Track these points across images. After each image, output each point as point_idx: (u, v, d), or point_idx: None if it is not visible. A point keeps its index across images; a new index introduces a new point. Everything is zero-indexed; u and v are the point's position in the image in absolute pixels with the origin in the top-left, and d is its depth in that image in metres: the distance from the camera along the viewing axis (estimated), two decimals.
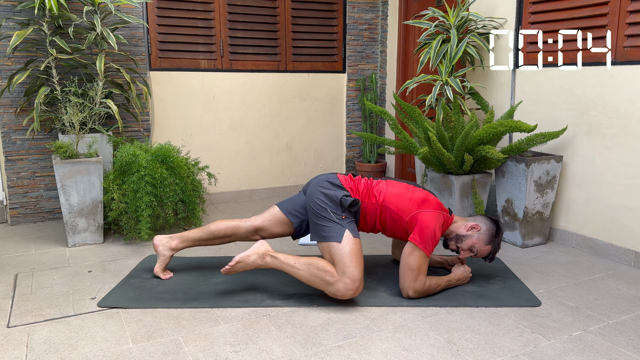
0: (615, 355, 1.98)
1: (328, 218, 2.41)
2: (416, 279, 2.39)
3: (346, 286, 2.28)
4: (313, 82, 4.72)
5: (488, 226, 2.54)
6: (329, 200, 2.44)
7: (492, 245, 2.52)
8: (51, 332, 2.14)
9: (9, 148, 3.66)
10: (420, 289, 2.42)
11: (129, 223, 3.24)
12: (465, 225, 2.54)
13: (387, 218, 2.49)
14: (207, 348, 2.02)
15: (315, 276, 2.33)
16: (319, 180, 2.56)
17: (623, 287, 2.62)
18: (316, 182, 2.55)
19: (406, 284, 2.40)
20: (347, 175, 2.59)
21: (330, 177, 2.56)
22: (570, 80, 3.20)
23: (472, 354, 1.98)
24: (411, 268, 2.38)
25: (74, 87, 3.42)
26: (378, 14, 4.90)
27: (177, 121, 4.25)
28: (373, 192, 2.51)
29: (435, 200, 2.50)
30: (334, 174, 2.59)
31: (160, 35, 4.07)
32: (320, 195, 2.46)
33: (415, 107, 3.46)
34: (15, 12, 3.53)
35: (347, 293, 2.29)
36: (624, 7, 2.88)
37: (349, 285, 2.28)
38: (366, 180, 2.59)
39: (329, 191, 2.46)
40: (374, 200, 2.49)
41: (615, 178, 3.00)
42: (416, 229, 2.39)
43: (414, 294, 2.42)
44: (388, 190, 2.51)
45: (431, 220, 2.39)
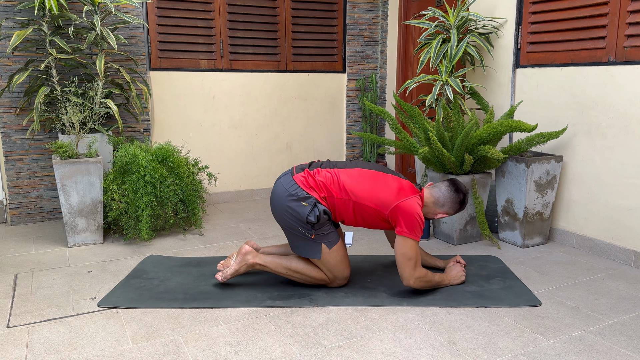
0: (615, 355, 1.98)
1: (300, 236, 2.45)
2: (415, 266, 2.41)
3: (339, 284, 2.58)
4: (313, 82, 4.72)
5: (457, 209, 2.59)
6: (296, 219, 2.41)
7: (459, 211, 2.62)
8: (51, 332, 2.14)
9: (9, 148, 3.66)
10: (421, 276, 2.44)
11: (129, 223, 3.24)
12: (434, 211, 2.57)
13: (365, 214, 2.46)
14: (207, 348, 2.02)
15: (308, 281, 2.56)
16: (280, 192, 2.45)
17: (623, 287, 2.62)
18: (279, 196, 2.45)
19: (407, 273, 2.41)
20: (304, 172, 2.48)
21: (288, 186, 2.44)
22: (570, 80, 3.20)
23: (472, 354, 1.98)
24: (408, 257, 2.39)
25: (74, 87, 3.42)
26: (378, 14, 4.90)
27: (177, 121, 4.25)
28: (340, 185, 2.43)
29: (408, 185, 2.49)
30: (290, 180, 2.46)
31: (160, 35, 4.07)
32: (286, 214, 2.43)
33: (415, 107, 3.46)
34: (15, 12, 3.53)
35: (340, 285, 2.59)
36: (624, 7, 2.88)
37: (342, 282, 2.58)
38: (327, 172, 2.48)
39: (293, 209, 2.40)
40: (344, 196, 2.43)
41: (615, 178, 3.00)
42: (400, 221, 2.39)
43: (416, 281, 2.42)
44: (358, 185, 2.43)
45: (412, 208, 2.39)
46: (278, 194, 2.46)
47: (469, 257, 3.04)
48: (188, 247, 3.26)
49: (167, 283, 2.65)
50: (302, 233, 2.43)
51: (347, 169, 2.50)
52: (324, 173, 2.47)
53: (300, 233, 2.44)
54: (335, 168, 2.51)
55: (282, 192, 2.45)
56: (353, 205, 2.44)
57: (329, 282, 2.55)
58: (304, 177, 2.46)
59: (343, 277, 2.54)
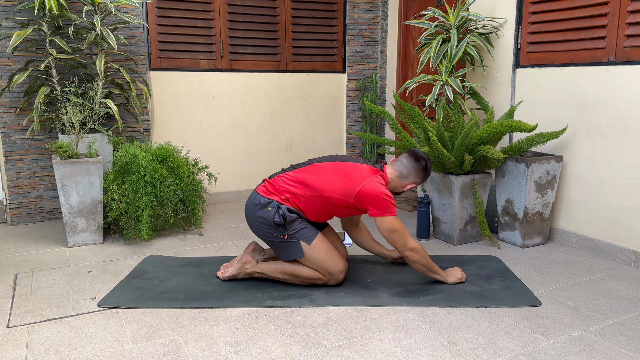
0: (615, 355, 1.98)
1: (278, 241, 2.51)
2: (404, 236, 2.43)
3: (337, 279, 2.56)
4: (313, 82, 4.72)
5: (423, 176, 2.62)
6: (266, 225, 2.49)
7: (425, 178, 2.66)
8: (51, 332, 2.14)
9: (9, 148, 3.66)
10: (415, 246, 2.46)
11: (129, 223, 3.24)
12: (402, 184, 2.61)
13: (334, 206, 2.50)
14: (207, 348, 2.02)
15: (305, 283, 2.58)
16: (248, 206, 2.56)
17: (623, 287, 2.62)
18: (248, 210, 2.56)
19: (399, 244, 2.44)
20: (264, 182, 2.59)
21: (253, 198, 2.55)
22: (570, 80, 3.20)
23: (472, 354, 1.98)
24: (393, 230, 2.42)
25: (74, 87, 3.42)
26: (378, 14, 4.90)
27: (177, 121, 4.25)
28: (305, 183, 2.50)
29: (367, 168, 2.51)
30: (254, 192, 2.57)
31: (160, 35, 4.07)
32: (258, 224, 2.51)
33: (415, 107, 3.46)
34: (15, 12, 3.53)
35: (339, 280, 2.57)
36: (624, 7, 2.88)
37: (339, 277, 2.55)
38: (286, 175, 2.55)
39: (261, 217, 2.48)
40: (310, 193, 2.49)
41: (615, 178, 3.00)
42: (367, 205, 2.43)
43: (411, 251, 2.46)
44: (319, 179, 2.49)
45: (374, 190, 2.42)
46: (247, 208, 2.58)
47: (469, 257, 3.04)
48: (188, 247, 3.26)
49: (167, 283, 2.65)
50: (277, 238, 2.50)
51: (306, 166, 2.57)
52: (283, 178, 2.56)
53: (277, 238, 2.50)
54: (294, 169, 2.58)
55: (250, 206, 2.56)
56: (320, 200, 2.49)
57: (326, 280, 2.55)
58: (264, 186, 2.58)
59: (337, 270, 2.52)
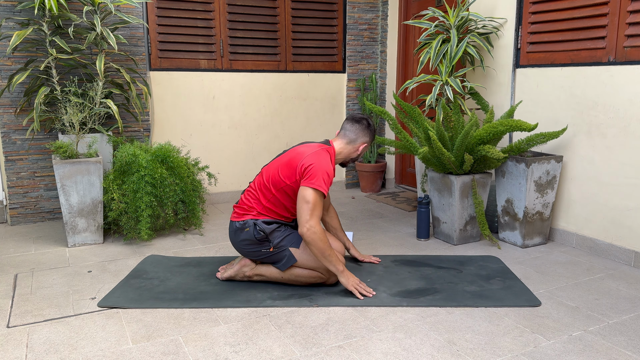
0: (615, 355, 1.98)
1: (268, 255, 2.53)
2: (312, 213, 2.34)
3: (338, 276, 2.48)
4: (313, 82, 4.72)
5: (369, 133, 2.66)
6: (251, 244, 2.53)
7: (373, 135, 2.69)
8: (51, 332, 2.14)
9: (9, 148, 3.66)
10: (316, 228, 2.33)
11: (129, 223, 3.24)
12: (353, 149, 2.64)
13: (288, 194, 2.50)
14: (207, 348, 2.02)
15: (307, 283, 2.57)
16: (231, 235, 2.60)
17: (623, 287, 2.62)
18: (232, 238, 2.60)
19: (302, 217, 2.34)
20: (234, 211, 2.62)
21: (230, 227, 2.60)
22: (570, 80, 3.20)
23: (472, 354, 1.98)
24: (307, 201, 2.35)
25: (74, 87, 3.42)
26: (378, 14, 4.90)
27: (177, 121, 4.25)
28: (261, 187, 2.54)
29: (313, 145, 2.53)
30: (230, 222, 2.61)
31: (160, 35, 4.07)
32: (245, 246, 2.56)
33: (415, 107, 3.46)
34: (15, 12, 3.53)
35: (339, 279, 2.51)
36: (624, 7, 2.88)
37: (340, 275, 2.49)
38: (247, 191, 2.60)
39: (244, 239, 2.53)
40: (268, 194, 2.52)
41: (615, 178, 3.00)
42: (304, 175, 2.41)
43: (309, 231, 2.32)
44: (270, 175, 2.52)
45: (312, 159, 2.42)
46: (231, 239, 2.62)
47: (468, 257, 3.04)
48: (188, 247, 3.26)
49: (167, 283, 2.65)
50: (267, 252, 2.53)
51: (258, 174, 2.63)
52: (245, 196, 2.60)
53: (266, 253, 2.53)
54: (250, 183, 2.64)
55: (232, 235, 2.61)
56: (281, 195, 2.51)
57: (326, 278, 2.55)
58: (235, 212, 2.62)
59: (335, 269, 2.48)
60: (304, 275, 2.53)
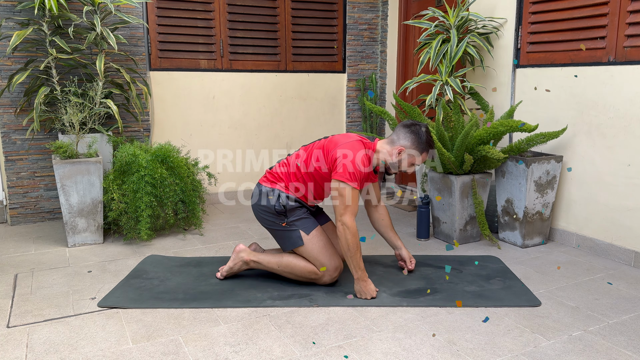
0: (615, 355, 1.98)
1: (279, 229, 2.54)
2: (345, 208, 2.33)
3: (331, 276, 2.54)
4: (313, 82, 4.72)
5: (412, 138, 2.46)
6: (268, 213, 2.54)
7: (427, 149, 2.49)
8: (51, 332, 2.14)
9: (9, 148, 3.66)
10: (348, 224, 2.33)
11: (129, 223, 3.24)
12: (390, 151, 2.49)
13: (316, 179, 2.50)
14: (207, 348, 2.02)
15: (300, 276, 2.56)
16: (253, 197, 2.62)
17: (623, 287, 2.62)
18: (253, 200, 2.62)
19: (337, 211, 2.36)
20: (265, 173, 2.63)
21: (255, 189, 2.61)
22: (570, 80, 3.20)
23: (472, 354, 1.98)
24: (340, 194, 2.34)
25: (73, 87, 3.42)
26: (378, 14, 4.90)
27: (177, 121, 4.25)
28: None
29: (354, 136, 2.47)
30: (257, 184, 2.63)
31: (160, 35, 4.07)
32: (261, 212, 2.57)
33: (415, 107, 3.46)
34: (15, 12, 3.53)
35: (333, 278, 2.56)
36: (624, 7, 2.88)
37: (333, 274, 2.54)
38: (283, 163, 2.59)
39: (264, 205, 2.54)
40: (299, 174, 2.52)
41: (615, 178, 3.00)
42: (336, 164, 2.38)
43: (343, 225, 2.34)
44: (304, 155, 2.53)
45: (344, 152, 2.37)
46: (253, 200, 2.64)
47: (468, 257, 3.04)
48: (188, 247, 3.26)
49: (167, 283, 2.65)
50: (279, 226, 2.54)
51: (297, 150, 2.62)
52: (279, 165, 2.61)
53: (279, 226, 2.54)
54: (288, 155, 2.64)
55: (255, 196, 2.62)
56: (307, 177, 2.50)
57: (319, 276, 2.52)
58: (265, 177, 2.63)
59: (332, 267, 2.51)
60: (299, 267, 2.53)
